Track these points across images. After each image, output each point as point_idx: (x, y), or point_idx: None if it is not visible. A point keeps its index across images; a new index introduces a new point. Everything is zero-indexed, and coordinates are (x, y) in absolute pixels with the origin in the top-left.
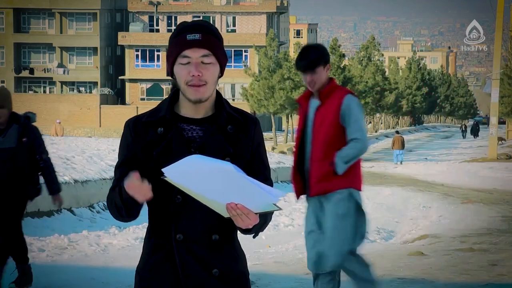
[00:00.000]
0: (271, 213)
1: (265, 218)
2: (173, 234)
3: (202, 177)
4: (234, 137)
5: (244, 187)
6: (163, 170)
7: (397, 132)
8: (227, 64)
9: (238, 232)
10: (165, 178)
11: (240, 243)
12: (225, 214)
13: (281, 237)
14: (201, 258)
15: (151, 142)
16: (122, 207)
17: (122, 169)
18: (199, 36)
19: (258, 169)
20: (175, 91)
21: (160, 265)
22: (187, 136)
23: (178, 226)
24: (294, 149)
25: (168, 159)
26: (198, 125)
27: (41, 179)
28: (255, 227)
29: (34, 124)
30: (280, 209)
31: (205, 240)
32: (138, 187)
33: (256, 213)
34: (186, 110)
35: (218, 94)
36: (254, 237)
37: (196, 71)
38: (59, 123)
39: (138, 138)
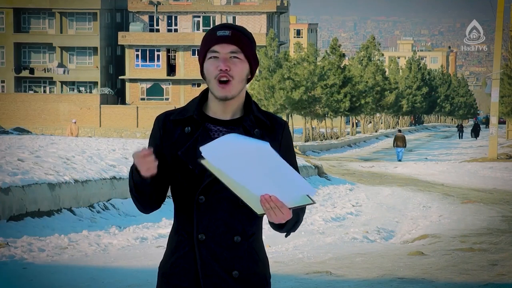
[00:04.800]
0: (303, 212)
1: (297, 217)
2: (195, 233)
3: (239, 159)
4: None
5: (280, 170)
6: (201, 148)
7: (399, 131)
8: None
9: (267, 230)
10: (202, 161)
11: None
12: (259, 210)
13: (281, 237)
14: (222, 259)
15: (178, 140)
16: (133, 187)
17: None
18: (229, 32)
19: None
20: (205, 91)
21: (181, 263)
22: (214, 137)
23: (200, 226)
24: None
25: (192, 159)
26: (225, 126)
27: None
28: (288, 223)
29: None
30: (314, 202)
31: (227, 241)
32: (143, 158)
33: (289, 208)
34: (214, 110)
35: (248, 96)
36: (286, 236)
37: (224, 65)
38: (75, 122)
39: (166, 135)
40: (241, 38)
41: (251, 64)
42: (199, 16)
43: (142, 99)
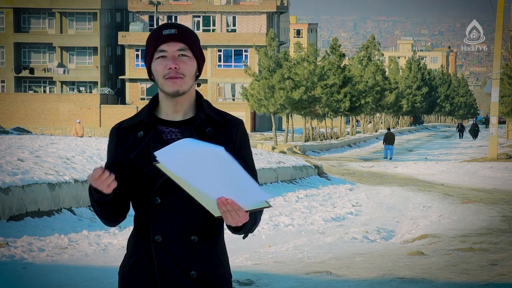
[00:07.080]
0: (260, 213)
1: (254, 219)
2: (152, 235)
3: (194, 163)
4: (213, 139)
5: (235, 174)
6: (155, 153)
7: (388, 129)
8: (228, 64)
9: (229, 233)
10: (157, 165)
11: (240, 243)
12: (216, 213)
13: (281, 237)
14: (179, 259)
15: (131, 145)
16: (95, 206)
17: None
18: (175, 30)
19: None
20: (155, 96)
21: (138, 266)
22: (166, 139)
23: (156, 227)
24: None
25: (146, 161)
26: (177, 127)
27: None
28: (245, 226)
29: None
30: (270, 206)
31: (184, 241)
32: (100, 179)
33: (246, 211)
34: (166, 112)
35: (198, 95)
36: (244, 237)
37: (173, 63)
38: (79, 123)
39: (120, 143)
40: (188, 36)
41: (198, 61)
42: (199, 16)
43: (142, 99)
